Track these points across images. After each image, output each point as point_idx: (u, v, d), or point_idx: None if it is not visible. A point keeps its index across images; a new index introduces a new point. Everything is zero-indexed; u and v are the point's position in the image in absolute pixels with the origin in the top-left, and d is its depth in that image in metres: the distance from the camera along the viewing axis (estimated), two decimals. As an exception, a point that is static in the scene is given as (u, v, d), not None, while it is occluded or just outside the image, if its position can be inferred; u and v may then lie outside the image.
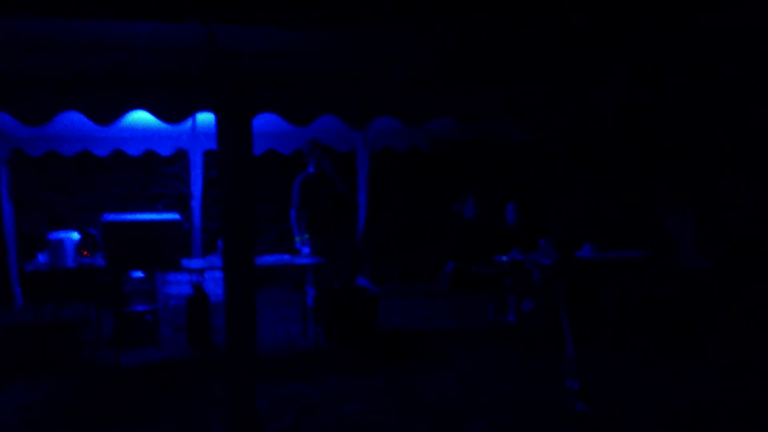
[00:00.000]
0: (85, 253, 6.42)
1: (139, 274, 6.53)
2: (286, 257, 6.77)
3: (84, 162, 8.64)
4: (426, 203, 10.14)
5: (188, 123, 8.37)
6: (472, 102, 4.91)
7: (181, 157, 9.07)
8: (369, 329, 6.60)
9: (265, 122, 4.92)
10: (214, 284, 8.76)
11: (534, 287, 7.24)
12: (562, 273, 5.13)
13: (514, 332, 6.99)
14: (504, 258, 7.25)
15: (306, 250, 6.89)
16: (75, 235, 6.41)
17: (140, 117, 6.95)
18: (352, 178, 9.17)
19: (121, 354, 6.22)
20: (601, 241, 7.16)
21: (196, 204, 8.90)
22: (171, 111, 4.39)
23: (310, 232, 7.35)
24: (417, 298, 8.11)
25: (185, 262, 6.35)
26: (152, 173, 9.27)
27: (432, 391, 5.15)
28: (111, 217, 6.00)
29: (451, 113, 4.94)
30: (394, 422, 4.56)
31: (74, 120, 7.64)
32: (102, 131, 8.32)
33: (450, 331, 7.09)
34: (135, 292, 6.66)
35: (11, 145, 8.34)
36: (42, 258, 6.44)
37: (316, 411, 4.78)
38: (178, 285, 8.66)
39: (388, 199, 10.00)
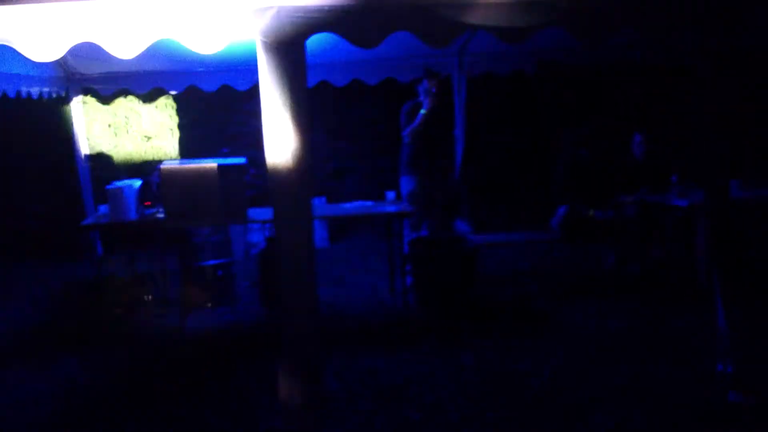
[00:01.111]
0: (147, 203, 5.80)
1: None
2: (369, 203, 5.90)
3: (157, 101, 8.02)
4: (533, 136, 8.94)
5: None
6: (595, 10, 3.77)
7: (258, 91, 8.27)
8: (466, 287, 5.68)
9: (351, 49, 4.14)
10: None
11: (665, 233, 6.06)
12: (710, 216, 4.02)
13: (640, 287, 5.88)
14: (629, 199, 6.10)
15: (391, 195, 5.99)
16: (136, 184, 5.80)
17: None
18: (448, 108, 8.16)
19: (190, 315, 5.65)
20: (751, 178, 5.87)
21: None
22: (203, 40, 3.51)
23: (409, 167, 6.49)
24: (524, 247, 7.03)
25: (254, 213, 5.60)
26: (229, 110, 8.56)
27: (537, 371, 4.22)
28: (169, 164, 5.30)
29: (565, 22, 3.80)
30: (490, 419, 3.67)
31: (146, 55, 7.09)
32: (175, 65, 7.68)
33: (563, 287, 6.06)
34: (205, 244, 6.02)
35: (81, 84, 7.84)
36: (102, 209, 5.88)
37: (396, 397, 3.96)
38: (263, 231, 8.03)
39: (489, 131, 8.89)
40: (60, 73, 7.38)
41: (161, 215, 5.52)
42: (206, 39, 3.50)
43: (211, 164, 5.27)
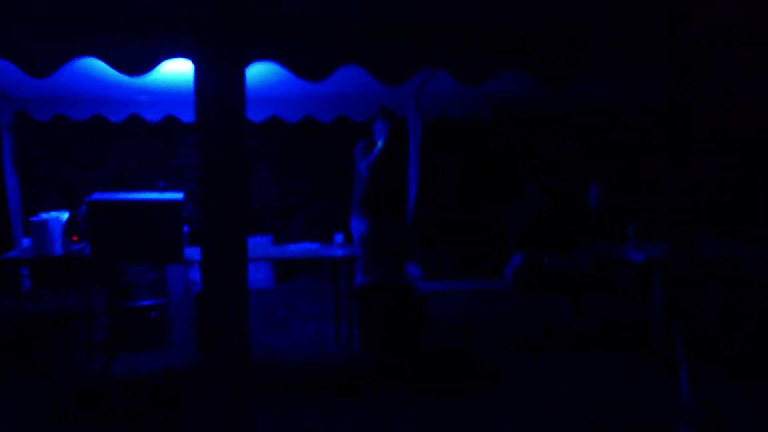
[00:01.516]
0: (74, 238, 5.37)
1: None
2: (315, 246, 5.58)
3: (96, 128, 7.60)
4: (488, 182, 8.77)
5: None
6: (556, 57, 3.58)
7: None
8: (414, 336, 5.37)
9: (304, 84, 3.85)
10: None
11: (621, 287, 5.88)
12: (672, 273, 3.82)
13: (595, 343, 5.66)
14: (584, 250, 5.92)
15: (339, 238, 5.68)
16: (63, 216, 5.38)
17: (160, 78, 6.04)
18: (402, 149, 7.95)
19: (119, 359, 5.22)
20: (718, 233, 5.76)
21: (223, 178, 7.80)
22: (130, 60, 3.19)
23: (361, 209, 6.23)
24: (475, 296, 6.78)
25: (193, 252, 5.22)
26: (174, 142, 8.19)
27: (491, 435, 3.92)
28: (98, 196, 4.92)
29: (526, 69, 3.58)
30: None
31: (85, 78, 6.67)
32: (116, 93, 7.31)
33: (514, 340, 5.80)
34: (138, 283, 5.61)
35: (14, 107, 7.38)
36: (26, 242, 5.44)
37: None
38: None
39: (443, 175, 8.70)
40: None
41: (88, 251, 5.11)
42: (134, 59, 3.17)
43: (143, 199, 4.90)
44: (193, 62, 3.18)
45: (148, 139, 8.09)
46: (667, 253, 3.78)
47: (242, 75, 3.25)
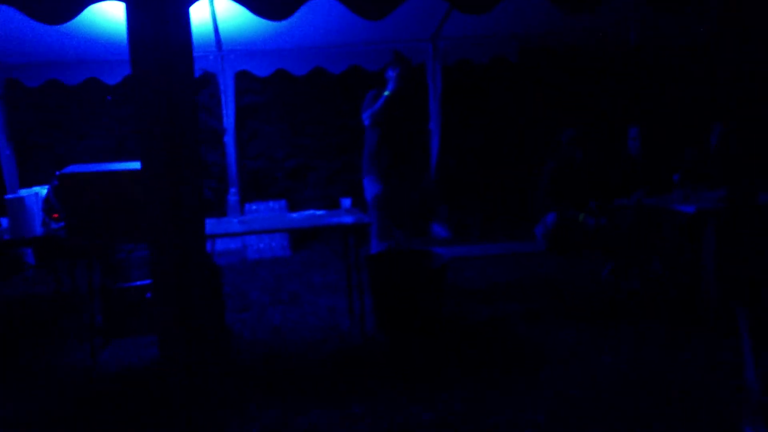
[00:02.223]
0: (55, 216, 4.89)
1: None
2: (321, 213, 5.01)
3: (91, 92, 7.09)
4: (517, 131, 8.03)
5: (212, 38, 6.69)
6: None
7: (207, 82, 7.38)
8: (434, 309, 4.81)
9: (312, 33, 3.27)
10: (257, 239, 7.19)
11: (667, 243, 5.22)
12: (731, 225, 3.22)
13: (640, 308, 5.03)
14: (625, 202, 5.25)
15: (346, 203, 5.09)
16: (43, 192, 4.90)
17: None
18: (419, 98, 7.29)
19: (111, 346, 4.77)
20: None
21: (229, 139, 7.25)
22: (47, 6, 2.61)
23: (373, 167, 5.64)
24: (506, 260, 6.13)
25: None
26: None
27: (516, 429, 3.35)
28: (72, 168, 4.39)
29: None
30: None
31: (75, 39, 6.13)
32: (111, 53, 6.77)
33: (549, 308, 5.18)
34: (131, 260, 5.12)
35: (5, 75, 6.91)
36: (5, 222, 4.98)
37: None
38: (211, 241, 7.12)
39: (467, 125, 8.00)
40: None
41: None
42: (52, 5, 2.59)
43: (121, 169, 4.36)
44: (125, 2, 2.58)
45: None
46: (725, 201, 3.15)
47: (186, 15, 2.63)
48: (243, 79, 7.32)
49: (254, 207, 7.21)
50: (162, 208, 2.66)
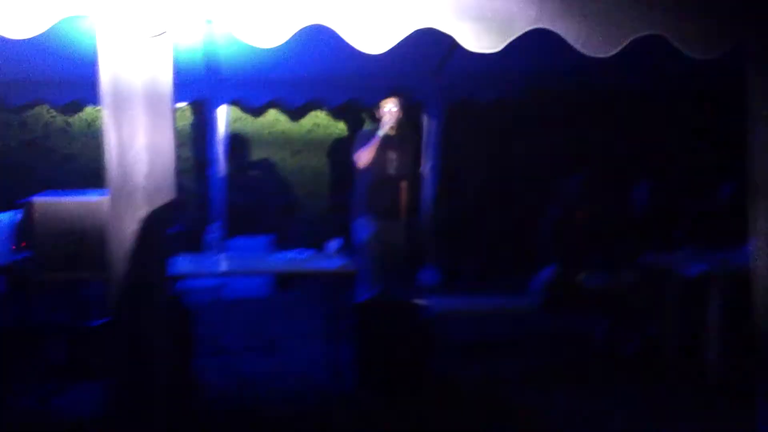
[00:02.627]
0: (23, 244, 4.56)
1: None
2: (304, 255, 4.68)
3: (81, 114, 6.82)
4: (519, 176, 7.73)
5: (202, 65, 6.43)
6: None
7: (196, 109, 7.11)
8: (420, 365, 4.47)
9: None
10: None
11: (668, 307, 4.90)
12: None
13: (641, 369, 4.70)
14: (629, 265, 4.95)
15: (334, 245, 4.77)
16: (10, 218, 4.59)
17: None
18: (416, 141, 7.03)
19: (73, 390, 4.41)
20: None
21: (216, 171, 6.95)
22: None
23: (364, 210, 5.35)
24: (497, 315, 5.75)
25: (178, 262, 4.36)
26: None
27: None
28: (39, 196, 4.09)
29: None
30: None
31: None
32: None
33: (543, 369, 4.84)
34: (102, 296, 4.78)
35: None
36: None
37: None
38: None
39: (466, 168, 7.72)
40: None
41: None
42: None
43: (96, 198, 4.06)
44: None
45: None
46: (750, 260, 2.89)
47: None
48: (235, 108, 7.06)
49: (240, 242, 6.90)
50: (118, 238, 2.43)
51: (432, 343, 4.56)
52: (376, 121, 5.47)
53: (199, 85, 6.82)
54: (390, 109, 5.26)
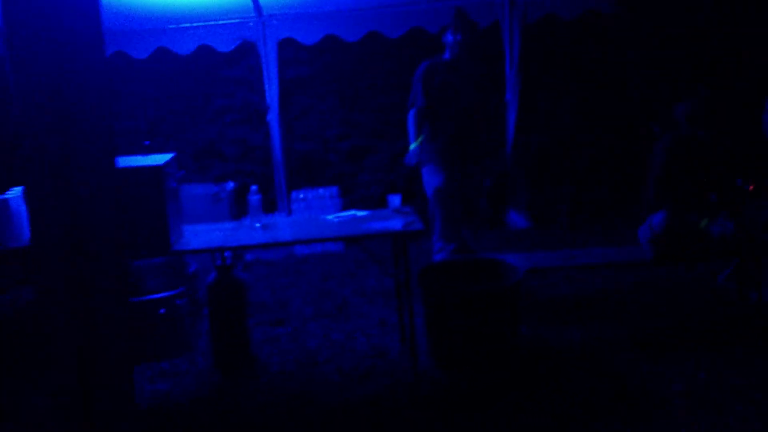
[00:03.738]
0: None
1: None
2: (363, 214, 4.00)
3: (120, 68, 6.29)
4: (615, 104, 6.72)
5: (249, 1, 5.76)
6: None
7: (246, 52, 6.45)
8: (507, 340, 3.76)
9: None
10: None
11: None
12: None
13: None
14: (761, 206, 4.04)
15: (396, 200, 4.07)
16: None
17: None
18: (495, 66, 6.17)
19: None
20: None
21: (273, 118, 6.34)
22: None
23: (434, 153, 4.62)
24: (600, 270, 4.87)
25: (195, 236, 3.80)
26: (210, 78, 6.73)
27: None
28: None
29: None
30: None
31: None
32: (138, 23, 5.98)
33: (659, 332, 4.03)
34: (141, 267, 4.31)
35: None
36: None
37: None
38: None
39: (552, 96, 6.78)
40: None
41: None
42: None
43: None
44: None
45: (181, 76, 6.68)
46: None
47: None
48: (287, 48, 6.36)
49: (302, 195, 6.30)
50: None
51: (520, 311, 3.83)
52: (441, 50, 4.68)
53: (247, 24, 6.17)
54: (455, 35, 4.45)
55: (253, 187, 3.92)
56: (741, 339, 3.79)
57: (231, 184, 6.09)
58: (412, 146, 4.53)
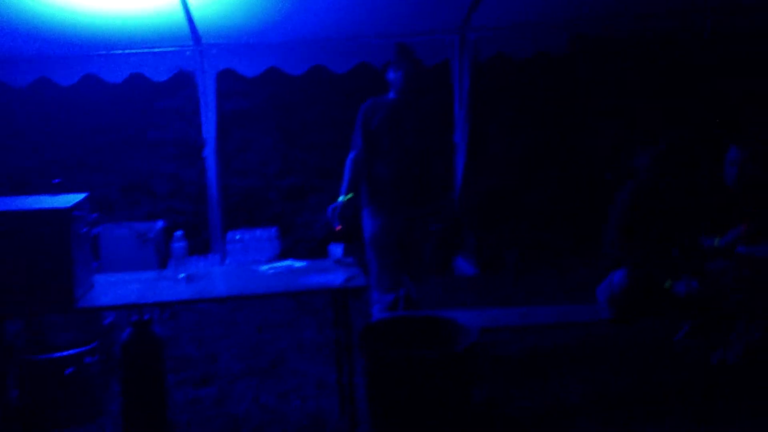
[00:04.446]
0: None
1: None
2: (299, 265, 3.62)
3: (43, 95, 5.81)
4: (565, 144, 6.54)
5: (186, 29, 5.39)
6: None
7: (182, 83, 6.05)
8: (458, 409, 3.40)
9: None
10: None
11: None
12: None
13: (747, 386, 3.59)
14: (714, 242, 3.84)
15: (338, 250, 3.71)
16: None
17: (118, 23, 5.08)
18: (444, 105, 5.93)
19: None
20: None
21: (209, 152, 5.94)
22: None
23: (373, 197, 4.27)
24: (556, 328, 4.55)
25: (105, 292, 3.34)
26: (142, 109, 6.30)
27: None
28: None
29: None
30: None
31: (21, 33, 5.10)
32: (64, 48, 5.55)
33: (625, 393, 3.71)
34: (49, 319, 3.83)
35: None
36: None
37: None
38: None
39: (501, 137, 6.56)
40: None
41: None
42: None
43: (13, 207, 3.05)
44: None
45: (111, 106, 6.23)
46: None
47: None
48: (227, 79, 5.98)
49: (238, 236, 5.90)
50: None
51: (473, 377, 3.48)
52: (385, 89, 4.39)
53: (184, 53, 5.79)
54: (396, 71, 4.17)
55: (178, 233, 3.50)
56: (706, 402, 3.52)
57: (160, 224, 5.65)
58: (340, 199, 4.18)
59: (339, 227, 4.09)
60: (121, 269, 5.22)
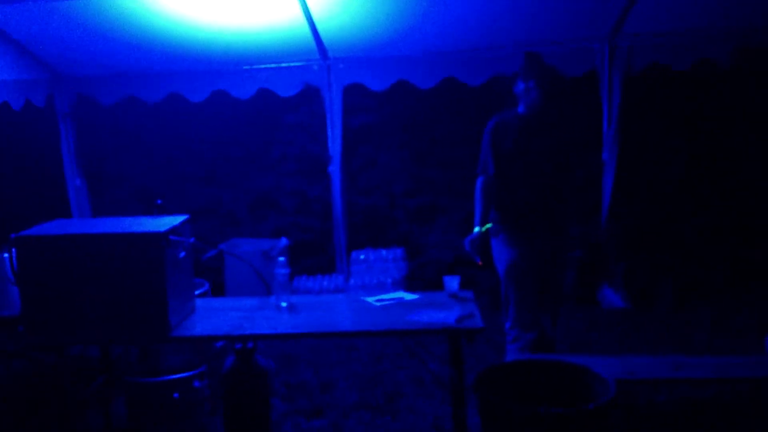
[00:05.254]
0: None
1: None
2: (411, 299, 3.24)
3: (174, 111, 5.86)
4: (729, 165, 5.78)
5: (312, 43, 5.22)
6: None
7: (308, 98, 5.89)
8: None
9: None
10: (366, 281, 5.57)
11: None
12: None
13: None
14: None
15: (453, 284, 3.29)
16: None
17: (246, 39, 5.04)
18: (590, 120, 5.39)
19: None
20: None
21: (335, 169, 5.72)
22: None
23: (507, 224, 3.82)
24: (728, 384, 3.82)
25: (203, 321, 3.12)
26: (269, 124, 6.20)
27: None
28: (37, 229, 2.98)
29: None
30: None
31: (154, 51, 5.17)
32: (194, 64, 5.56)
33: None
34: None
35: (75, 89, 5.86)
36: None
37: None
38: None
39: (655, 158, 5.90)
40: (42, 75, 5.62)
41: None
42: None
43: (99, 231, 2.89)
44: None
45: (240, 121, 6.19)
46: None
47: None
48: (353, 93, 5.76)
49: (362, 256, 5.64)
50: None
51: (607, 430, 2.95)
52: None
53: (311, 68, 5.63)
54: (526, 82, 3.72)
55: (281, 260, 3.25)
56: None
57: (284, 241, 5.50)
58: (476, 230, 3.77)
59: (480, 262, 3.75)
60: (245, 285, 5.17)
